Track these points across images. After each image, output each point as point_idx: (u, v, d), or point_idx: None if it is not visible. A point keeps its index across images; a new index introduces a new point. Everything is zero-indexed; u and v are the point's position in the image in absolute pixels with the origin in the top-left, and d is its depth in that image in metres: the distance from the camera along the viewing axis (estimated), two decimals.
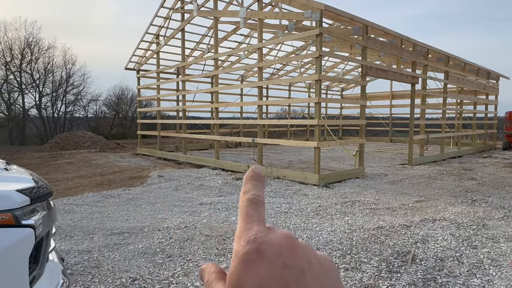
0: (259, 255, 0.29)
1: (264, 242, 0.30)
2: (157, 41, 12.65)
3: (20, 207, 1.45)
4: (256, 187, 0.35)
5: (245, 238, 0.31)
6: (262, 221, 0.33)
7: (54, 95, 25.33)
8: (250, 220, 0.32)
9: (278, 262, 0.29)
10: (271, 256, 0.29)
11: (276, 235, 0.31)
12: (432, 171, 8.78)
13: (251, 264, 0.29)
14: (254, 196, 0.34)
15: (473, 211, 5.10)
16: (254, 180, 0.36)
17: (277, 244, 0.30)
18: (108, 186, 7.15)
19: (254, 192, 0.35)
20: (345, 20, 7.95)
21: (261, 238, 0.30)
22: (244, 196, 0.35)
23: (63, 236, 4.09)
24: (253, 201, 0.34)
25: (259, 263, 0.29)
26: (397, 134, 18.68)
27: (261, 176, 0.37)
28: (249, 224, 0.32)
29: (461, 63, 12.64)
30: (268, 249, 0.29)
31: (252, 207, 0.33)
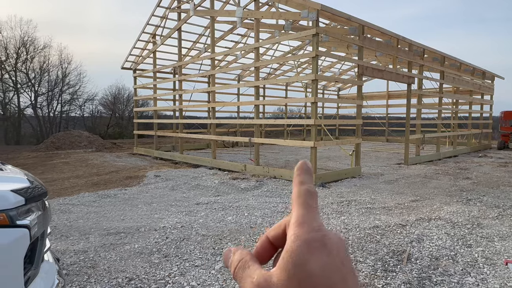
0: (322, 245, 0.31)
1: (327, 235, 0.32)
2: (153, 40, 12.61)
3: (15, 207, 1.45)
4: (310, 180, 0.37)
5: (310, 225, 0.32)
6: (318, 212, 0.35)
7: (50, 95, 25.19)
8: (311, 209, 0.34)
9: (337, 257, 0.31)
10: (332, 250, 0.31)
11: (334, 233, 0.33)
12: (428, 171, 8.83)
13: (315, 250, 0.30)
14: (312, 188, 0.36)
15: (468, 210, 5.14)
16: (308, 173, 0.37)
17: (336, 241, 0.32)
18: (105, 186, 7.13)
19: (310, 184, 0.36)
20: (341, 20, 7.97)
21: (325, 231, 0.32)
22: (303, 186, 0.36)
23: (59, 236, 4.07)
24: (311, 193, 0.35)
25: (323, 251, 0.30)
26: (393, 134, 18.76)
27: (311, 169, 0.38)
28: (312, 214, 0.33)
29: (457, 63, 12.72)
30: (330, 243, 0.31)
31: (311, 197, 0.35)
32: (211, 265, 3.28)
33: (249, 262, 0.34)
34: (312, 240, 0.31)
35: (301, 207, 0.34)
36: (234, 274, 0.35)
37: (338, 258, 0.31)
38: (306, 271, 0.29)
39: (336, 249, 0.31)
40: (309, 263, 0.30)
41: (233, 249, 0.37)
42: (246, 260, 0.35)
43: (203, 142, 15.47)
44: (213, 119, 10.45)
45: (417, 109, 10.53)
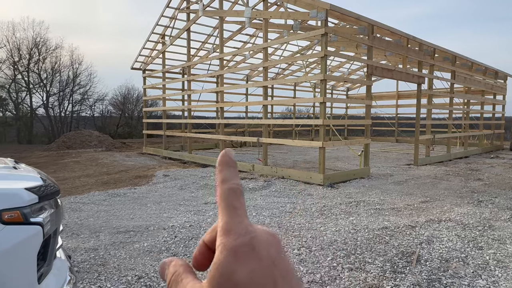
0: (250, 249, 0.29)
1: (256, 237, 0.30)
2: (163, 41, 12.71)
3: (28, 205, 1.48)
4: (234, 175, 0.34)
5: (236, 231, 0.30)
6: (246, 213, 0.32)
7: (61, 95, 25.57)
8: (236, 212, 0.31)
9: (268, 259, 0.29)
10: (262, 252, 0.29)
11: (263, 231, 0.31)
12: (438, 172, 8.72)
13: (243, 257, 0.28)
14: (235, 186, 0.33)
15: (479, 212, 5.06)
16: (230, 167, 0.34)
17: (266, 241, 0.30)
18: (114, 185, 7.21)
19: (234, 181, 0.33)
20: (350, 19, 7.93)
21: (253, 232, 0.30)
22: (225, 185, 0.33)
23: (70, 234, 4.14)
24: (235, 191, 0.32)
25: (251, 257, 0.29)
26: (403, 134, 18.57)
27: (235, 162, 0.35)
28: (237, 217, 0.31)
29: (468, 63, 12.53)
30: (259, 245, 0.29)
31: (235, 197, 0.32)
32: None
33: (182, 275, 0.32)
34: (239, 247, 0.29)
35: (225, 212, 0.31)
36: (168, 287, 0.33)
37: (269, 260, 0.29)
38: (233, 281, 0.28)
39: (266, 249, 0.29)
40: (236, 272, 0.28)
41: (168, 261, 0.35)
42: (179, 273, 0.33)
43: (212, 142, 15.53)
44: (221, 119, 10.48)
45: (427, 109, 10.40)
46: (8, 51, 23.50)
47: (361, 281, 2.95)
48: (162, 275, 0.35)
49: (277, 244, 0.31)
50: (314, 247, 3.70)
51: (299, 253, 3.55)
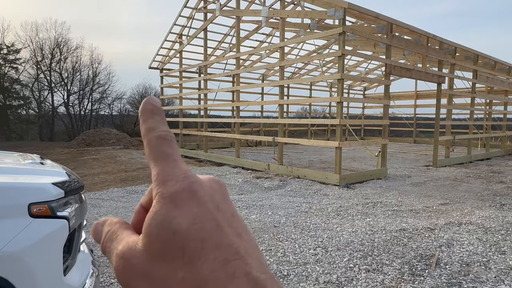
0: (191, 194, 0.27)
1: (196, 181, 0.28)
2: (180, 40, 12.86)
3: (55, 199, 1.54)
4: (161, 123, 0.30)
5: (173, 177, 0.27)
6: (182, 160, 0.29)
7: (81, 93, 26.23)
8: (171, 158, 0.28)
9: (211, 204, 0.27)
10: (204, 196, 0.27)
11: (206, 178, 0.30)
12: (458, 173, 8.51)
13: (182, 202, 0.26)
14: (164, 133, 0.30)
15: (502, 215, 4.91)
16: (155, 115, 0.30)
17: (209, 186, 0.28)
18: (132, 182, 7.35)
19: (164, 128, 0.30)
20: (369, 18, 7.82)
21: (192, 177, 0.28)
22: (152, 134, 0.29)
23: (90, 229, 4.25)
24: (166, 139, 0.29)
25: (192, 201, 0.26)
26: (422, 135, 18.18)
27: (160, 109, 0.31)
28: (172, 163, 0.28)
29: (491, 62, 12.15)
30: (201, 189, 0.27)
31: (167, 145, 0.29)
32: None
33: (118, 231, 0.29)
34: (178, 193, 0.26)
35: (158, 161, 0.28)
36: (102, 248, 0.29)
37: (212, 204, 0.27)
38: (170, 229, 0.25)
39: (209, 194, 0.27)
40: (175, 219, 0.25)
41: (101, 221, 0.31)
42: (114, 230, 0.29)
43: (227, 141, 15.62)
44: (237, 118, 10.53)
45: (447, 109, 10.16)
46: (32, 51, 24.28)
47: (378, 283, 2.92)
48: (95, 236, 0.31)
49: (221, 190, 0.29)
50: (330, 248, 3.68)
51: (315, 253, 3.54)
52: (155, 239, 0.26)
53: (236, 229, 0.27)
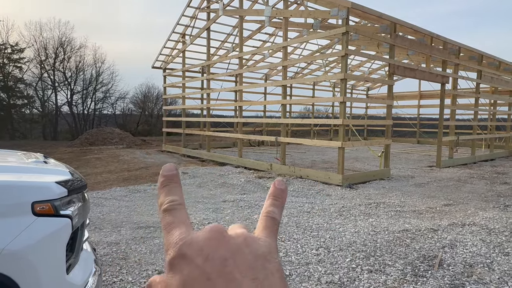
0: (181, 257, 0.28)
1: (184, 243, 0.29)
2: (183, 40, 12.88)
3: (58, 198, 1.54)
4: (169, 193, 0.34)
5: (171, 246, 0.30)
6: (183, 223, 0.31)
7: (84, 93, 26.33)
8: (169, 228, 0.31)
9: (200, 258, 0.28)
10: (193, 253, 0.28)
11: (202, 231, 0.31)
12: (461, 174, 8.46)
13: (176, 269, 0.28)
14: (168, 205, 0.33)
15: (506, 216, 4.88)
16: (166, 186, 0.34)
17: (199, 240, 0.29)
18: (135, 181, 7.37)
19: (168, 199, 0.33)
20: (372, 18, 7.79)
21: (182, 240, 0.29)
22: (160, 210, 0.33)
23: (93, 228, 4.26)
24: (167, 210, 0.32)
25: (182, 264, 0.28)
26: (425, 135, 18.10)
27: (173, 176, 0.35)
28: (171, 231, 0.31)
29: (496, 62, 12.08)
30: (190, 248, 0.29)
31: (168, 215, 0.32)
32: None
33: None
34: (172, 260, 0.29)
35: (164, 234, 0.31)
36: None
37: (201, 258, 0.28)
38: None
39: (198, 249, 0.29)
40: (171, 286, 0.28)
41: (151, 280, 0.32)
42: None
43: (230, 141, 15.62)
44: (240, 118, 10.53)
45: (451, 109, 10.11)
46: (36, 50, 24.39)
47: (380, 283, 2.91)
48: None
49: (214, 237, 0.30)
50: (332, 248, 3.67)
51: (317, 253, 3.53)
52: None
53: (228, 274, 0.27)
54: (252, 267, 0.29)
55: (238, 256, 0.29)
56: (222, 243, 0.30)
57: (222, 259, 0.28)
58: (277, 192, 0.37)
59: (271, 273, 0.30)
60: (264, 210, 0.36)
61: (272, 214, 0.35)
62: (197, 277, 0.27)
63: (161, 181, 0.34)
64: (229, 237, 0.31)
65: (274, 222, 0.35)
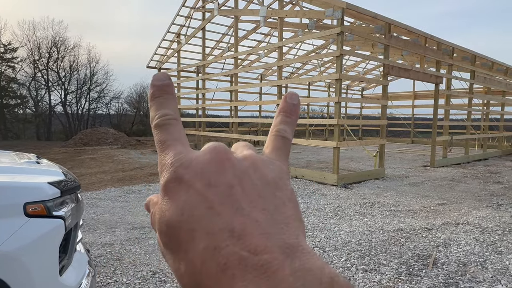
0: (177, 181, 0.25)
1: (181, 165, 0.25)
2: (178, 40, 12.84)
3: (51, 198, 1.53)
4: (161, 105, 0.29)
5: (165, 167, 0.26)
6: (179, 140, 0.28)
7: (78, 93, 26.15)
8: (163, 147, 0.27)
9: (200, 182, 0.24)
10: (191, 178, 0.25)
11: (199, 152, 0.27)
12: (455, 174, 8.53)
13: (172, 193, 0.25)
14: (160, 120, 0.29)
15: (499, 215, 4.93)
16: (157, 98, 0.30)
17: (199, 162, 0.26)
18: (130, 182, 7.33)
19: (160, 113, 0.29)
20: (367, 18, 7.83)
21: (178, 161, 0.26)
22: (152, 125, 0.29)
23: (87, 229, 4.23)
24: (159, 126, 0.28)
25: (179, 189, 0.25)
26: (419, 135, 18.23)
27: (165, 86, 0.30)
28: (165, 151, 0.27)
29: (489, 63, 12.20)
30: (187, 171, 0.25)
31: (161, 131, 0.28)
32: None
33: None
34: (167, 183, 0.25)
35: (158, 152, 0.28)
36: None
37: (201, 183, 0.24)
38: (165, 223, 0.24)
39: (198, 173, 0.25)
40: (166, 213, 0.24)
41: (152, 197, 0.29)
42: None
43: (225, 141, 15.60)
44: (235, 118, 10.52)
45: (445, 110, 10.19)
46: (29, 50, 24.18)
47: (375, 282, 2.92)
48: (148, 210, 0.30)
49: (217, 159, 0.26)
50: (328, 247, 3.68)
51: None
52: (160, 234, 0.25)
53: (234, 203, 0.24)
54: (261, 195, 0.25)
55: (245, 183, 0.25)
56: (226, 166, 0.25)
57: (226, 186, 0.24)
58: (289, 107, 0.32)
59: (282, 203, 0.26)
60: (274, 128, 0.31)
61: (283, 132, 0.30)
62: (197, 204, 0.24)
63: (151, 92, 0.30)
64: (234, 159, 0.26)
65: (285, 142, 0.30)
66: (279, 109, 0.32)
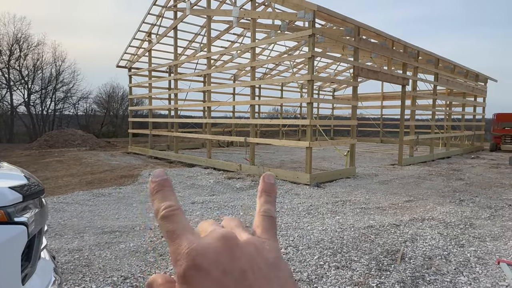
0: (196, 270, 0.28)
1: (198, 254, 0.28)
2: (149, 39, 12.56)
3: (12, 204, 1.45)
4: (164, 198, 0.32)
5: (180, 256, 0.29)
6: (187, 230, 0.31)
7: (43, 92, 24.91)
8: (173, 236, 0.30)
9: (217, 271, 0.28)
10: (208, 265, 0.28)
11: (210, 240, 0.30)
12: (421, 172, 8.92)
13: (191, 281, 0.27)
14: (165, 211, 0.32)
15: (461, 210, 5.20)
16: (158, 192, 0.33)
17: (212, 250, 0.29)
18: (99, 185, 7.09)
19: (164, 205, 0.32)
20: (337, 21, 8.02)
21: (194, 250, 0.29)
22: (157, 217, 0.32)
23: (53, 235, 4.04)
24: (166, 217, 0.31)
25: (198, 277, 0.27)
26: (388, 135, 18.89)
27: (164, 181, 0.33)
28: (175, 241, 0.30)
29: (451, 65, 12.85)
30: (204, 260, 0.28)
31: (168, 222, 0.31)
32: None
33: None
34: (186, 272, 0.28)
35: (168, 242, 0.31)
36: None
37: (217, 271, 0.28)
38: None
39: (213, 261, 0.28)
40: None
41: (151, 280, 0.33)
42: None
43: (198, 142, 15.44)
44: (208, 119, 10.44)
45: (411, 110, 10.62)
46: None
47: (347, 279, 3.00)
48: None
49: (228, 247, 0.29)
50: (301, 246, 3.73)
51: (286, 252, 3.57)
52: None
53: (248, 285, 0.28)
54: (267, 278, 0.29)
55: (254, 267, 0.29)
56: (236, 253, 0.29)
57: (240, 272, 0.28)
58: (268, 187, 0.37)
59: (284, 281, 0.30)
60: (260, 209, 0.36)
61: (269, 212, 0.35)
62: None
63: (152, 187, 0.33)
64: (242, 246, 0.30)
65: (272, 221, 0.35)
66: (260, 189, 0.37)
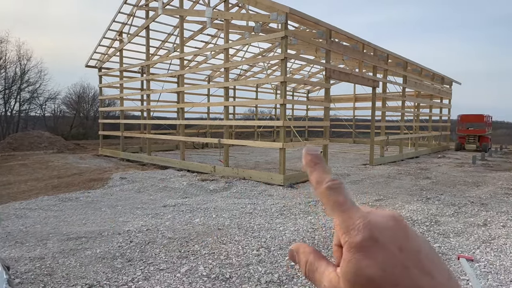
0: (373, 242, 0.29)
1: (375, 227, 0.30)
2: (120, 38, 12.23)
3: None
4: (325, 171, 0.34)
5: (353, 227, 0.30)
6: (354, 204, 0.33)
7: (7, 93, 23.67)
8: (343, 208, 0.32)
9: (394, 246, 0.29)
10: (386, 240, 0.29)
11: (383, 217, 0.31)
12: (391, 171, 9.19)
13: (369, 251, 0.29)
14: (332, 183, 0.33)
15: (427, 208, 5.40)
16: (317, 164, 0.35)
17: (388, 227, 0.30)
18: (66, 189, 6.81)
19: (328, 178, 0.34)
20: (310, 23, 8.13)
21: (371, 223, 0.30)
22: (322, 187, 0.33)
23: (13, 243, 3.84)
24: (334, 188, 0.33)
25: (376, 249, 0.29)
26: (360, 136, 19.36)
27: (319, 157, 0.35)
28: (347, 213, 0.32)
29: (418, 68, 13.35)
30: (381, 234, 0.30)
31: (336, 193, 0.33)
32: (176, 268, 3.21)
33: (315, 263, 0.34)
34: (363, 242, 0.29)
35: (335, 213, 0.32)
36: (306, 276, 0.34)
37: (395, 247, 0.29)
38: (366, 277, 0.29)
39: (389, 237, 0.30)
40: (366, 268, 0.29)
41: (295, 248, 0.36)
42: (311, 262, 0.34)
43: (172, 143, 15.19)
44: (182, 120, 10.29)
45: (381, 111, 10.93)
46: None
47: None
48: (292, 259, 0.36)
49: (400, 227, 0.31)
50: (273, 247, 3.73)
51: (258, 253, 3.57)
52: (354, 285, 0.29)
53: (424, 268, 0.29)
54: (434, 261, 0.30)
55: (424, 249, 0.30)
56: (409, 234, 0.31)
57: (415, 252, 0.30)
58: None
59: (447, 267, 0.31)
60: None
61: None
62: (395, 264, 0.28)
63: (309, 159, 0.35)
64: (410, 229, 0.31)
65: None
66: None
